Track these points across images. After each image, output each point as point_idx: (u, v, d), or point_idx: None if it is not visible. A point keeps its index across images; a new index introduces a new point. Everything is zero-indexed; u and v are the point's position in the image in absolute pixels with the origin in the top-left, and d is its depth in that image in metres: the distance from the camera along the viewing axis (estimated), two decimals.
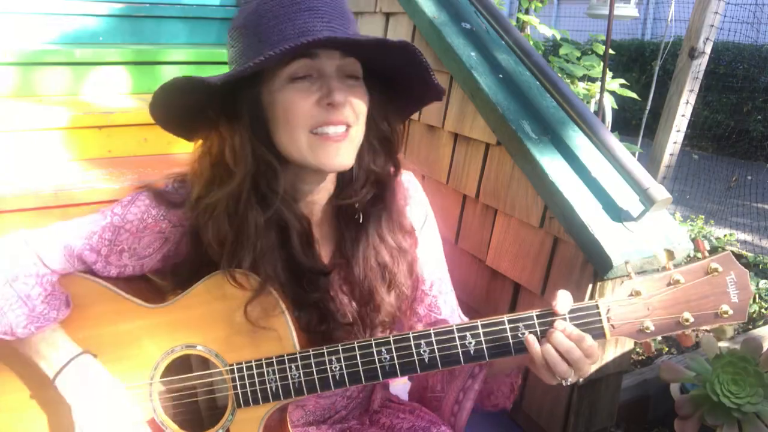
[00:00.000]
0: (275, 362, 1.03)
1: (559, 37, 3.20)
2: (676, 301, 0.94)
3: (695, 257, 0.96)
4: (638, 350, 2.37)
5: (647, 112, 3.55)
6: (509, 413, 1.90)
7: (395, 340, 1.00)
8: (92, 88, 2.42)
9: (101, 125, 2.10)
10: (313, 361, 1.01)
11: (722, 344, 2.01)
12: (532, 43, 2.99)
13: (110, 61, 2.44)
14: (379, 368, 1.00)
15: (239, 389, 1.04)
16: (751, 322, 2.81)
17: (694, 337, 0.96)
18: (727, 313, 0.92)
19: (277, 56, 0.93)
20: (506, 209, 1.80)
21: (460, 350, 0.98)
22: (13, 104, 2.17)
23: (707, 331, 2.53)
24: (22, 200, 1.71)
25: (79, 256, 1.10)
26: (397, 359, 1.00)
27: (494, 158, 1.84)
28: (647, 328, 0.94)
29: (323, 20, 0.98)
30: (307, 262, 1.08)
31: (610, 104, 2.93)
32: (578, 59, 3.10)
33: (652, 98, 3.45)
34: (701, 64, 2.94)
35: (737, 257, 3.59)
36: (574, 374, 0.98)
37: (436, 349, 0.99)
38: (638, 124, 3.70)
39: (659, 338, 2.58)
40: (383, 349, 1.00)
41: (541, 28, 3.12)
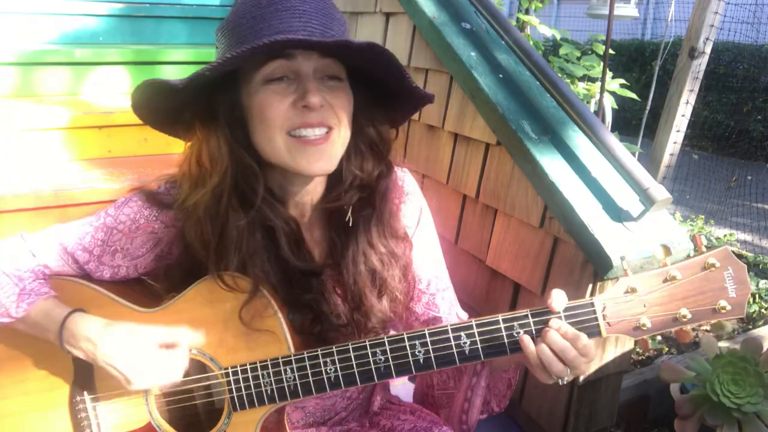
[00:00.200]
0: (270, 365, 1.02)
1: (559, 37, 3.20)
2: (673, 297, 0.93)
3: (700, 250, 0.95)
4: (638, 350, 2.37)
5: (647, 112, 3.54)
6: (509, 413, 1.90)
7: (390, 341, 0.99)
8: (92, 88, 2.43)
9: (101, 125, 2.10)
10: (307, 363, 1.01)
11: (722, 344, 2.01)
12: (532, 43, 2.98)
13: (110, 61, 2.44)
14: (374, 369, 1.00)
15: (235, 392, 1.04)
16: (751, 322, 2.81)
17: (692, 333, 0.95)
18: (725, 308, 0.92)
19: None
20: (506, 209, 1.79)
21: (455, 350, 0.98)
22: (13, 104, 2.18)
23: (707, 331, 2.53)
24: (22, 200, 1.71)
25: (72, 254, 1.12)
26: (392, 360, 0.99)
27: (494, 158, 1.84)
28: (644, 325, 0.93)
29: (301, 20, 0.96)
30: (296, 263, 1.07)
31: (610, 104, 2.92)
32: (578, 59, 3.10)
33: (652, 98, 3.45)
34: (701, 64, 2.94)
35: (737, 257, 3.62)
36: (570, 373, 0.96)
37: (431, 349, 0.98)
38: (638, 124, 3.70)
39: (659, 338, 2.58)
40: (378, 350, 0.99)
41: (541, 28, 3.12)
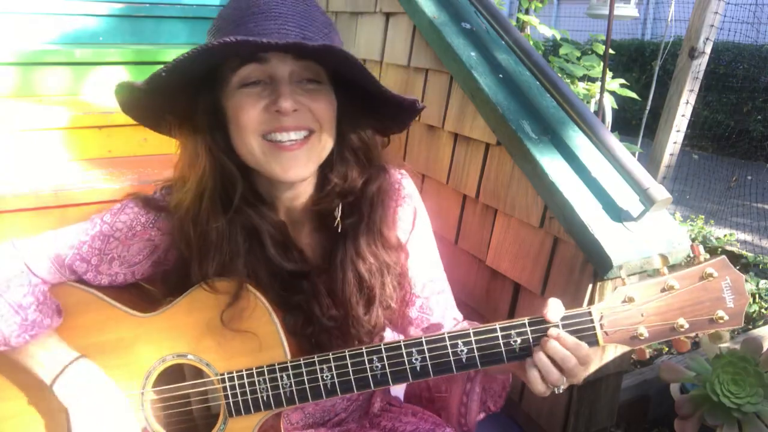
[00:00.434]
0: (266, 371, 1.02)
1: (559, 37, 3.20)
2: (670, 307, 0.93)
3: (695, 258, 0.95)
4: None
5: (647, 112, 3.54)
6: (509, 413, 1.90)
7: (386, 348, 0.98)
8: (92, 88, 2.43)
9: (101, 125, 2.10)
10: (304, 369, 1.00)
11: (722, 344, 2.01)
12: (532, 43, 2.98)
13: (110, 61, 2.44)
14: (370, 377, 0.99)
15: (230, 398, 1.03)
16: (751, 322, 2.81)
17: (689, 342, 0.95)
18: (722, 318, 0.92)
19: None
20: (506, 209, 1.79)
21: (452, 358, 0.97)
22: (13, 104, 2.18)
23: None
24: (22, 200, 1.70)
25: (69, 266, 1.10)
26: (388, 368, 0.98)
27: (494, 158, 1.84)
28: (641, 334, 0.93)
29: (276, 22, 0.95)
30: (282, 264, 1.07)
31: (610, 104, 2.92)
32: (578, 59, 3.10)
33: (652, 98, 3.45)
34: (701, 64, 2.94)
35: (737, 257, 3.60)
36: (566, 381, 0.96)
37: (427, 357, 0.97)
38: (638, 124, 3.69)
39: (661, 341, 2.58)
40: (374, 357, 0.98)
41: (541, 28, 3.12)
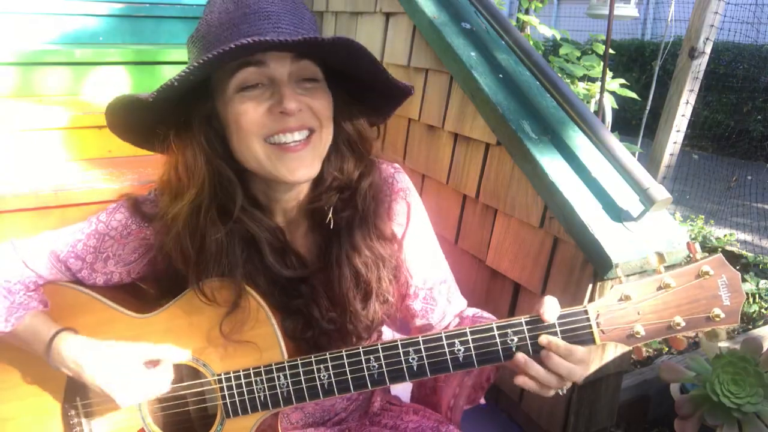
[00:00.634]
0: (263, 371, 1.02)
1: (559, 37, 3.20)
2: (667, 305, 0.93)
3: (694, 258, 0.95)
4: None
5: (647, 112, 3.54)
6: (509, 413, 1.90)
7: (383, 348, 0.99)
8: (92, 88, 2.43)
9: (101, 125, 2.09)
10: (301, 369, 1.00)
11: (722, 344, 2.01)
12: (532, 43, 2.98)
13: (110, 61, 2.44)
14: (367, 376, 0.99)
15: (228, 399, 1.03)
16: (751, 322, 2.81)
17: (686, 341, 0.95)
18: (719, 316, 0.91)
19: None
20: (506, 209, 1.79)
21: (448, 357, 0.97)
22: (13, 104, 2.18)
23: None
24: (22, 200, 1.70)
25: (64, 262, 1.10)
26: (385, 367, 0.98)
27: (494, 158, 1.84)
28: (638, 332, 0.93)
29: (270, 20, 0.93)
30: (281, 270, 1.06)
31: (610, 104, 2.92)
32: (578, 59, 3.10)
33: (652, 98, 3.45)
34: (701, 64, 2.94)
35: (737, 257, 3.59)
36: (566, 382, 0.96)
37: (424, 356, 0.97)
38: (638, 124, 3.69)
39: (658, 339, 2.58)
40: (371, 357, 0.98)
41: (541, 28, 3.12)
